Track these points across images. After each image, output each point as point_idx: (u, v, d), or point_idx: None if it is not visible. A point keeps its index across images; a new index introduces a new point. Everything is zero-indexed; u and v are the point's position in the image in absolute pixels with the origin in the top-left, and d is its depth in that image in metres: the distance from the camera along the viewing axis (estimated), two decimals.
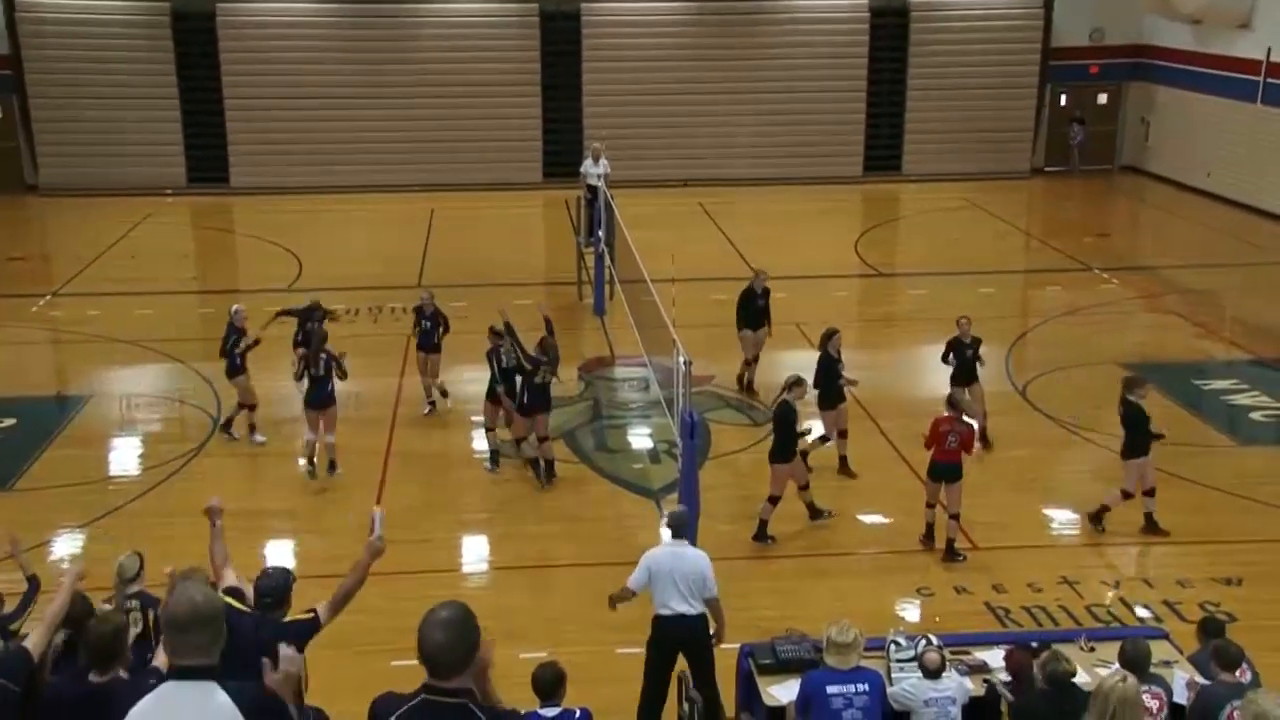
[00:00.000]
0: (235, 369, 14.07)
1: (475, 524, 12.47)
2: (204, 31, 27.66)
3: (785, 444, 11.66)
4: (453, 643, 4.04)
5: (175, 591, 4.35)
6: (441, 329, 14.88)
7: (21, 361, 17.22)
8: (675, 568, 8.51)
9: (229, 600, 6.83)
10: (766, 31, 29.00)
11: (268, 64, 27.87)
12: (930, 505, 11.75)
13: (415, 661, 4.12)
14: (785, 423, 11.57)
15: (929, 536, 11.74)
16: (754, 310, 15.33)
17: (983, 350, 14.00)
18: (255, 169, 28.21)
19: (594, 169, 20.25)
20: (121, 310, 19.06)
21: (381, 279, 20.27)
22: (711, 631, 8.62)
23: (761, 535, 11.79)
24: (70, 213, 26.37)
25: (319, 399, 13.15)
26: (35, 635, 6.12)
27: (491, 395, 13.53)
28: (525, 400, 13.03)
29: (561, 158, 28.01)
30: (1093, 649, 8.11)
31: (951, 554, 11.46)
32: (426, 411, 14.95)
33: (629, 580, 8.68)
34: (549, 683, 6.97)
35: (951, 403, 11.61)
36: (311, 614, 6.79)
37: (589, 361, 17.10)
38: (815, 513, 12.15)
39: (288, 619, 6.90)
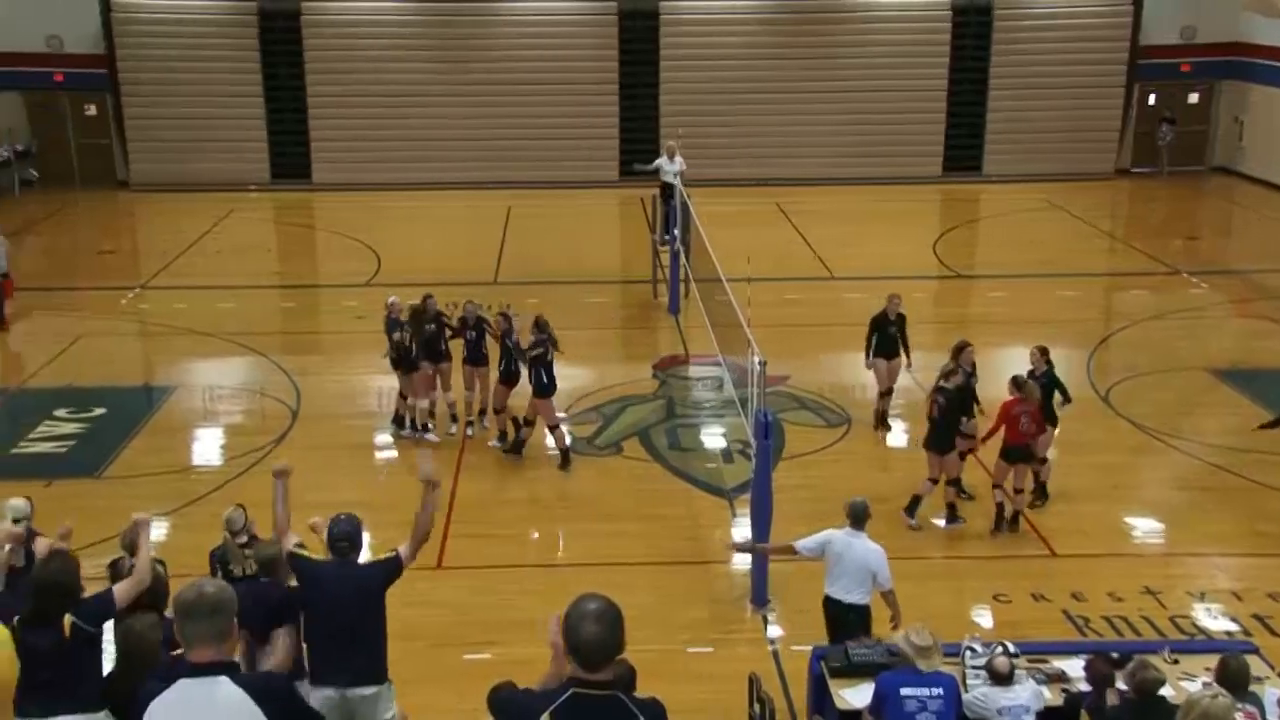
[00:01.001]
0: (410, 363, 13.85)
1: (547, 520, 12.51)
2: (289, 30, 28.12)
3: (944, 433, 11.76)
4: (605, 634, 4.05)
5: (187, 582, 4.50)
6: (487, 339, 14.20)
7: (111, 352, 17.63)
8: (847, 554, 8.72)
9: (301, 553, 7.08)
10: (845, 30, 28.75)
11: (350, 62, 28.24)
12: (997, 486, 11.87)
13: (489, 655, 4.17)
14: (947, 412, 11.70)
15: (1000, 522, 11.86)
16: (886, 338, 14.10)
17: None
18: (336, 165, 28.62)
19: (670, 167, 20.22)
20: (206, 303, 19.44)
21: (458, 275, 20.40)
22: (890, 618, 8.72)
23: (910, 510, 12.01)
24: (158, 208, 26.98)
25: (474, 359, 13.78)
26: (121, 586, 6.66)
27: (505, 378, 13.64)
28: (536, 384, 13.22)
29: (637, 156, 27.98)
30: (1176, 661, 7.91)
31: (1012, 524, 11.82)
32: (477, 435, 14.32)
33: (799, 540, 8.95)
34: (621, 680, 6.95)
35: (1017, 384, 11.75)
36: (393, 553, 7.20)
37: (663, 360, 17.08)
38: (953, 516, 12.09)
39: (369, 560, 7.26)
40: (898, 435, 14.40)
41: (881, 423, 14.36)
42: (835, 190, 28.08)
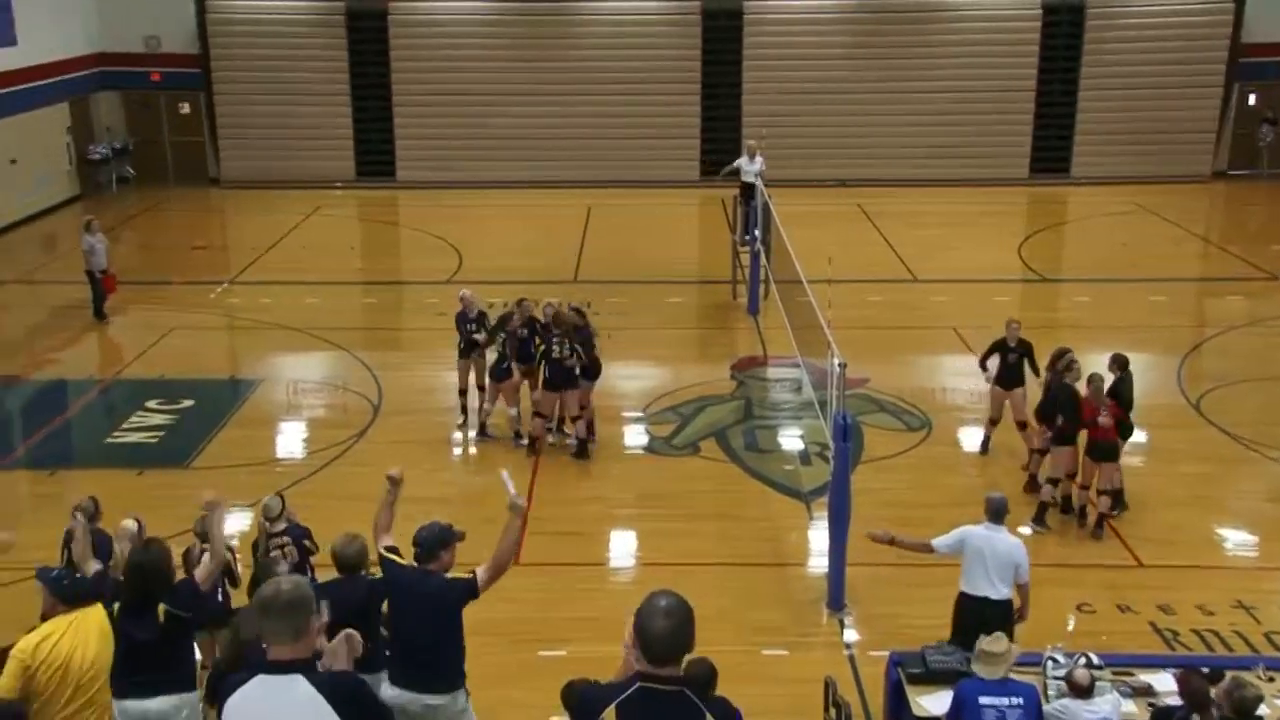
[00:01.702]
0: (503, 372, 13.73)
1: (624, 518, 12.54)
2: (376, 30, 28.53)
3: (1068, 427, 11.68)
4: (675, 630, 4.06)
5: (267, 580, 4.58)
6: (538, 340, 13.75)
7: (200, 345, 18.05)
8: (988, 550, 8.63)
9: (390, 556, 7.14)
10: (932, 30, 28.41)
11: (435, 61, 28.57)
12: (1084, 487, 11.81)
13: (564, 652, 4.21)
14: (1066, 405, 11.62)
15: (1070, 510, 11.87)
16: (1005, 365, 13.25)
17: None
18: (420, 163, 28.97)
19: (750, 167, 20.14)
20: (292, 298, 19.81)
21: (538, 273, 20.56)
22: (1015, 608, 8.68)
23: (1080, 515, 11.89)
24: (248, 204, 27.55)
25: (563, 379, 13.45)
26: (202, 569, 6.95)
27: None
28: (547, 377, 13.33)
29: (718, 155, 27.95)
30: (1272, 679, 7.68)
31: (1096, 528, 11.70)
32: (558, 442, 14.17)
33: (936, 539, 8.85)
34: (701, 678, 6.92)
35: (1089, 382, 11.73)
36: (470, 575, 7.15)
37: (741, 360, 17.03)
38: (1040, 518, 11.93)
39: (449, 576, 7.22)
40: (980, 441, 14.18)
41: (985, 449, 13.77)
42: (919, 191, 27.78)
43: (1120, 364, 12.25)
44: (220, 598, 8.22)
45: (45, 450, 14.36)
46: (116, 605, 6.53)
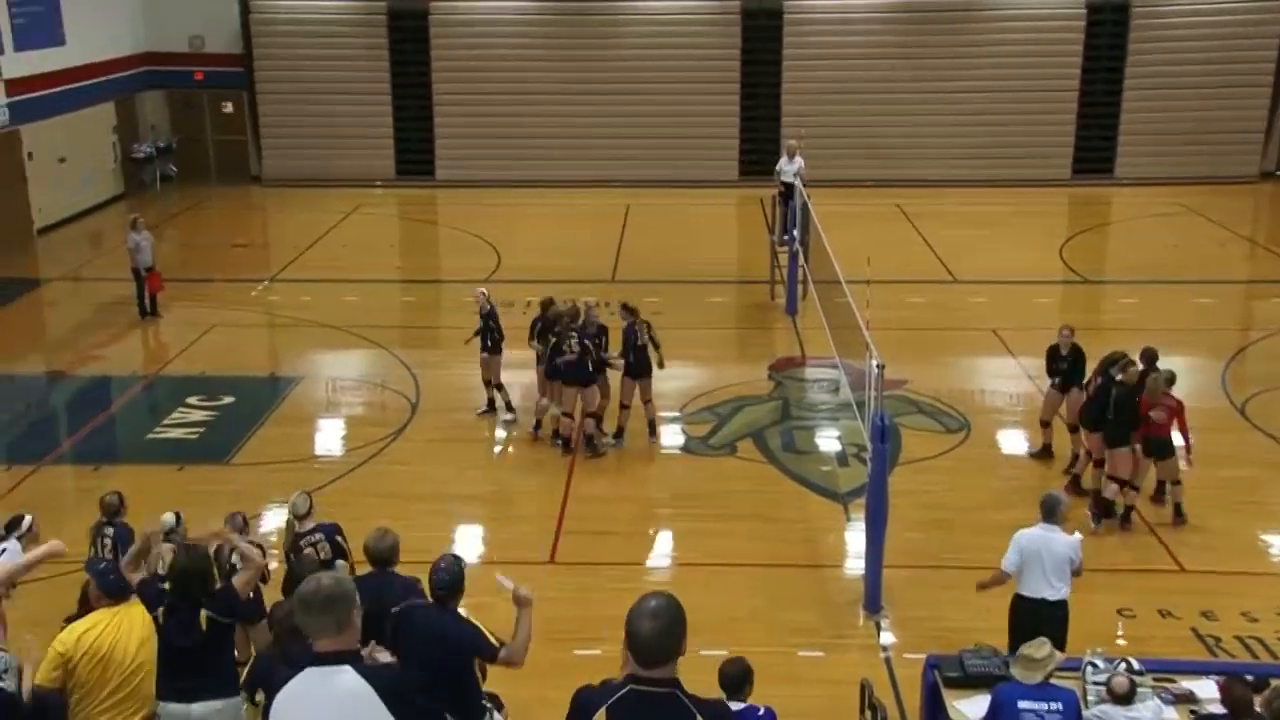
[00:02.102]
0: (554, 371, 13.70)
1: (660, 518, 12.53)
2: (417, 29, 28.69)
3: (1124, 428, 11.63)
4: (661, 632, 4.06)
5: (307, 577, 4.59)
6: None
7: (241, 342, 18.21)
8: (1044, 550, 8.57)
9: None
10: (974, 29, 28.20)
11: (475, 60, 28.68)
12: (1134, 485, 11.80)
13: (599, 650, 4.21)
14: (1123, 406, 11.57)
15: (1113, 512, 11.81)
16: (1057, 372, 13.18)
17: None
18: (460, 162, 29.10)
19: (789, 167, 20.08)
20: (331, 296, 19.95)
21: (576, 273, 20.59)
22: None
23: (1124, 518, 11.82)
24: (289, 202, 27.79)
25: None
26: (240, 577, 7.02)
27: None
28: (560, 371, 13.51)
29: (758, 155, 27.91)
30: None
31: (1124, 520, 11.75)
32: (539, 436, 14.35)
33: (1002, 563, 8.74)
34: (736, 678, 6.92)
35: (1145, 379, 11.70)
36: (498, 646, 6.77)
37: (779, 361, 16.98)
38: (1113, 513, 11.87)
39: (482, 631, 6.80)
40: (1018, 442, 14.07)
41: (1043, 452, 13.54)
42: (959, 192, 27.59)
43: (1149, 359, 12.16)
44: (252, 595, 8.26)
45: (89, 446, 14.55)
46: (161, 610, 6.63)
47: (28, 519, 9.16)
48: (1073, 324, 13.61)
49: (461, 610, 6.89)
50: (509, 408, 14.82)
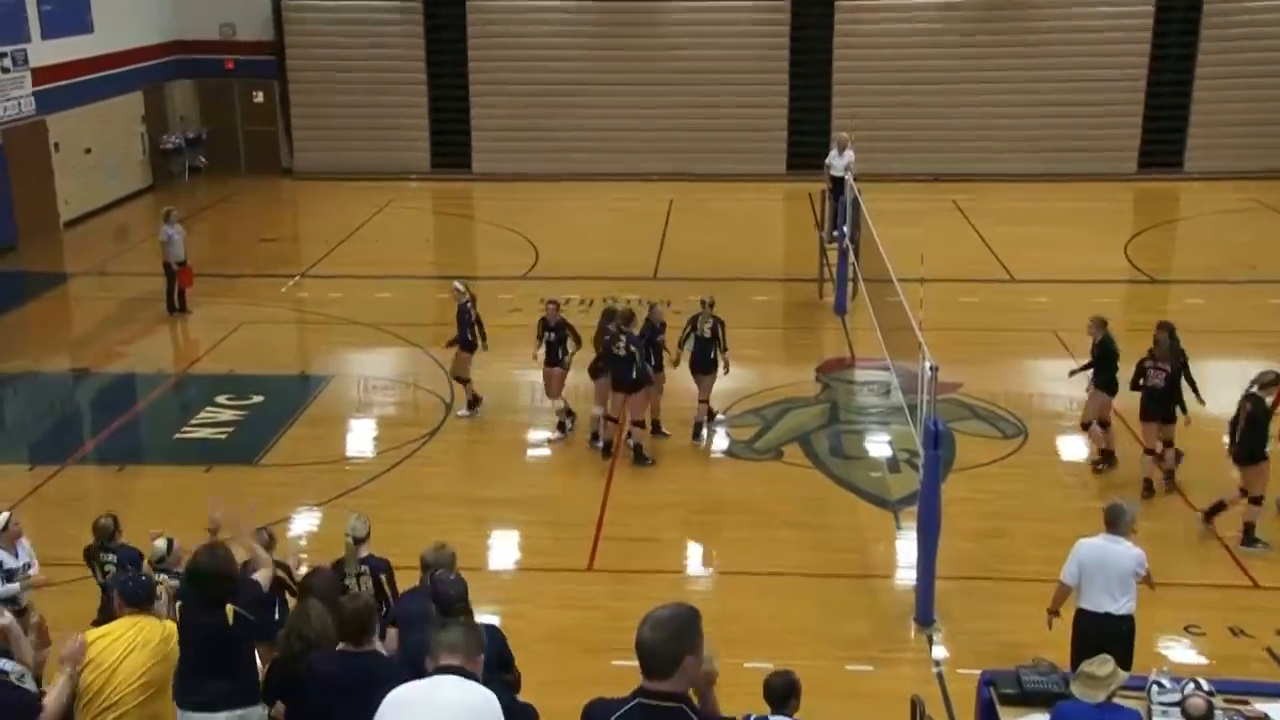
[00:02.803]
0: (553, 360, 14.21)
1: (703, 525, 12.53)
2: (454, 18, 28.84)
3: (1256, 443, 11.57)
4: (663, 641, 4.06)
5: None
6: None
7: (270, 340, 18.39)
8: (1105, 562, 8.47)
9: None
10: (1035, 16, 27.98)
11: (513, 49, 28.79)
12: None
13: (637, 662, 4.20)
14: (1255, 421, 11.53)
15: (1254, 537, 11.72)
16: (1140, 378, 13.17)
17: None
18: (496, 155, 29.23)
19: (839, 161, 20.02)
20: (363, 293, 20.09)
21: (617, 270, 20.63)
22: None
23: (1249, 540, 11.67)
24: (320, 196, 28.03)
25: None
26: (261, 574, 7.10)
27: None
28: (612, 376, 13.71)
29: (805, 149, 27.85)
30: None
31: (1249, 540, 11.55)
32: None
33: (1061, 573, 8.69)
34: (781, 691, 6.90)
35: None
36: (515, 674, 6.90)
37: (827, 362, 16.93)
38: (1250, 538, 11.73)
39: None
40: (1079, 449, 13.95)
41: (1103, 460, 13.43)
42: (1018, 187, 27.39)
43: (1105, 326, 12.78)
44: (276, 613, 8.11)
45: (114, 445, 14.75)
46: (179, 604, 6.71)
47: (3, 516, 9.06)
48: (1139, 325, 13.49)
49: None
50: (472, 403, 14.97)
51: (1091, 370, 13.30)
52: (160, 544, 8.59)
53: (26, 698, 6.28)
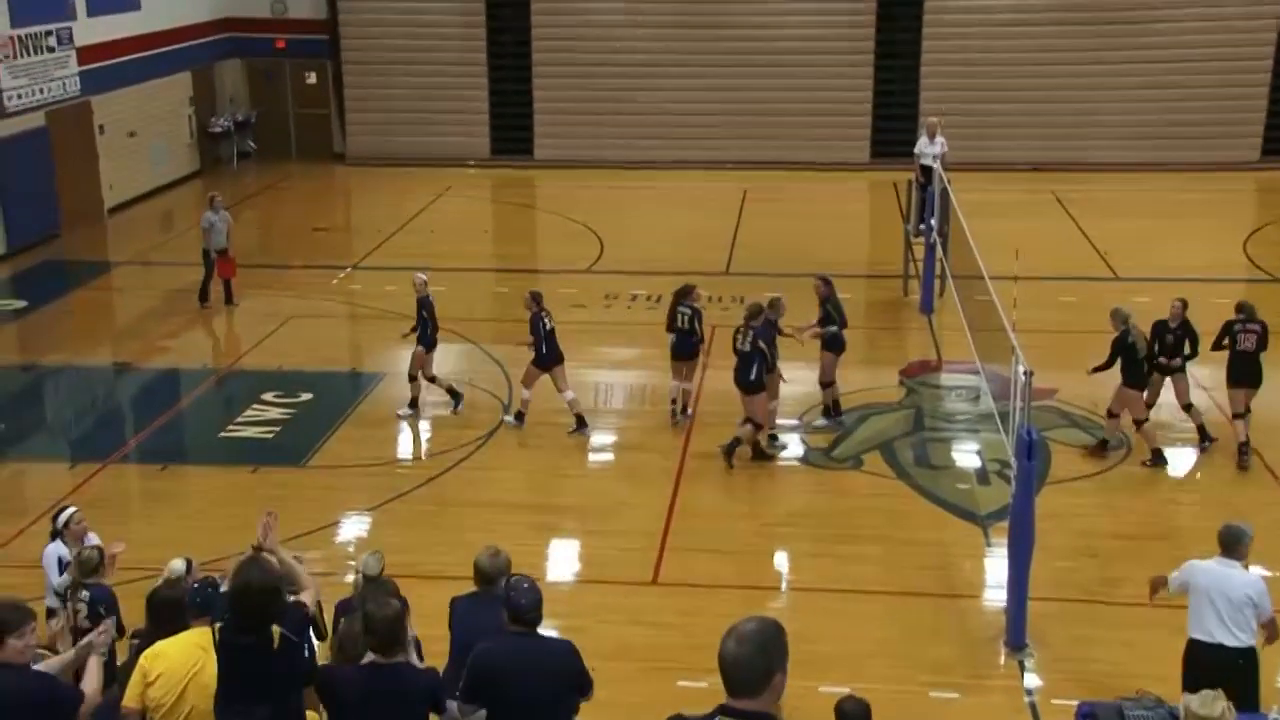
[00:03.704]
0: (542, 359, 14.58)
1: (777, 538, 12.52)
2: None
3: None
4: (749, 657, 4.07)
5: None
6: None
7: (320, 335, 18.63)
8: (1218, 588, 8.30)
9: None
10: None
11: (579, 29, 28.92)
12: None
13: (705, 683, 4.26)
14: None
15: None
16: (1163, 347, 13.83)
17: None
18: (560, 141, 29.37)
19: (929, 148, 19.88)
20: None
21: (687, 264, 20.64)
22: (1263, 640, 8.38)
23: None
24: (374, 183, 28.34)
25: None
26: (309, 594, 7.03)
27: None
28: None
29: (892, 135, 27.68)
30: None
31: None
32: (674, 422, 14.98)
33: (1170, 575, 8.67)
34: (854, 717, 6.90)
35: None
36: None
37: (912, 365, 16.84)
38: None
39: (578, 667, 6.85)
40: (1188, 461, 13.75)
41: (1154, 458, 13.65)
42: (1124, 177, 27.00)
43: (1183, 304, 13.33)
44: (306, 653, 7.99)
45: (157, 444, 15.03)
46: (218, 625, 6.55)
47: (66, 512, 9.56)
48: (1256, 328, 13.29)
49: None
50: (453, 394, 15.27)
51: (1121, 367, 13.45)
52: (178, 564, 8.37)
53: (69, 692, 6.46)
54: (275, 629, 6.54)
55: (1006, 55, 27.88)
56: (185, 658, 6.64)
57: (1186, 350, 13.70)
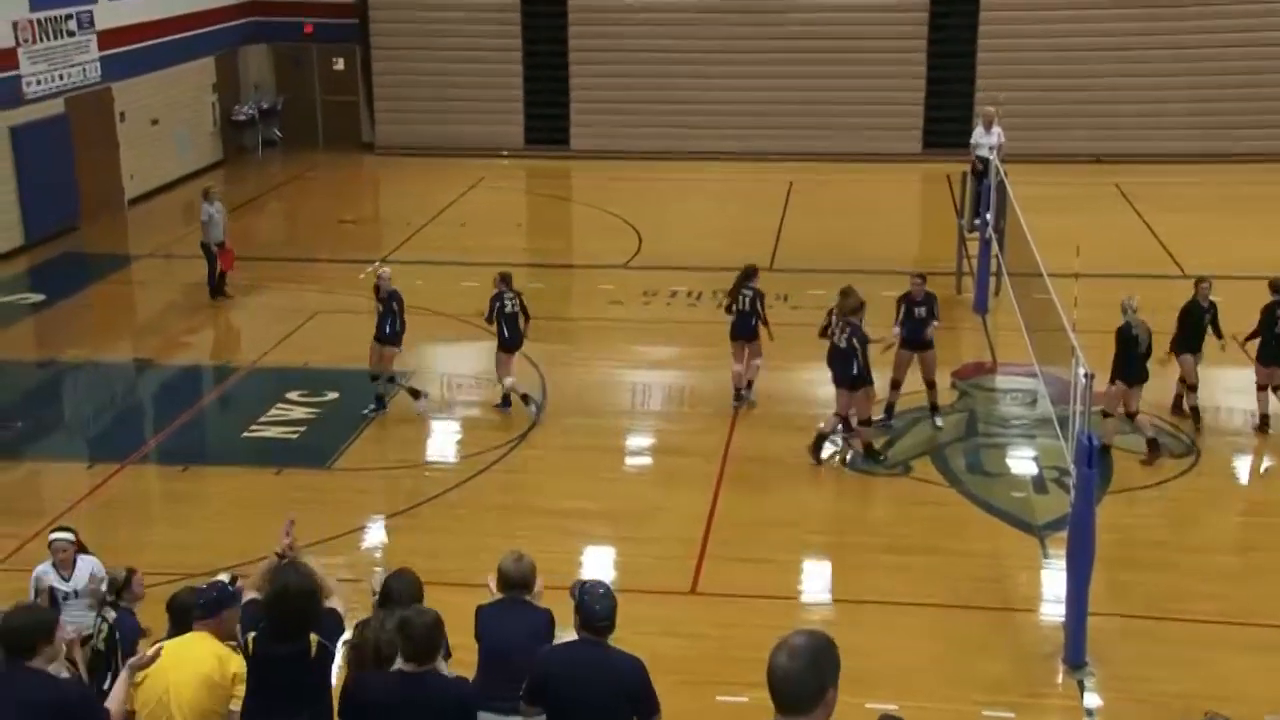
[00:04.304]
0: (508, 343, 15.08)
1: (821, 546, 12.48)
2: None
3: None
4: (801, 672, 4.04)
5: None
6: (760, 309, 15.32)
7: (347, 331, 18.66)
8: None
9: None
10: None
11: (618, 14, 28.93)
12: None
13: (745, 698, 4.24)
14: None
15: None
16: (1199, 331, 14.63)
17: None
18: (598, 130, 29.38)
19: (985, 139, 19.75)
20: (448, 281, 20.33)
21: (728, 259, 20.55)
22: None
23: None
24: (403, 173, 28.47)
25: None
26: (338, 600, 7.03)
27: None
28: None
29: (946, 125, 27.53)
30: None
31: None
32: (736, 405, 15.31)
33: None
34: None
35: None
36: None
37: (965, 367, 16.76)
38: None
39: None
40: (1260, 470, 13.61)
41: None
42: (1193, 168, 26.76)
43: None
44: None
45: (178, 444, 15.15)
46: (252, 635, 6.61)
47: (53, 534, 9.27)
48: None
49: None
50: (415, 395, 15.34)
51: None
52: (119, 573, 8.44)
53: (98, 710, 6.50)
54: (313, 637, 6.59)
55: (1067, 40, 27.67)
56: (178, 660, 6.63)
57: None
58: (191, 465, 14.51)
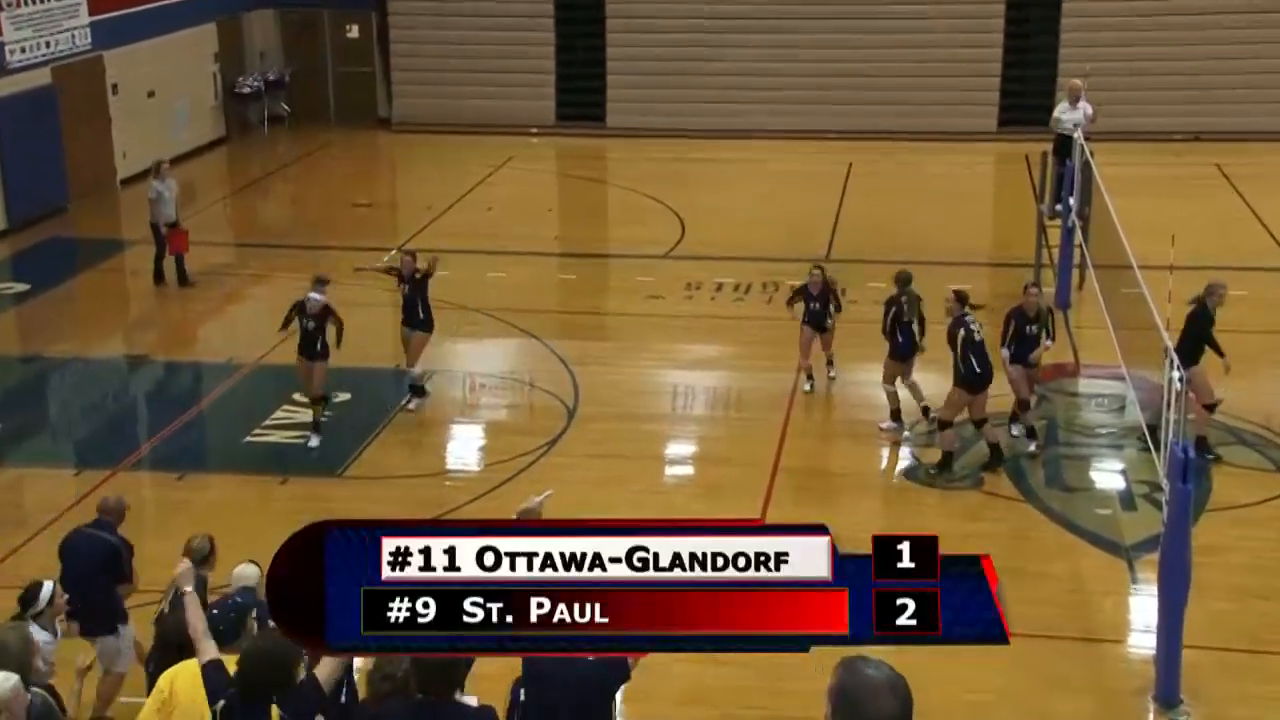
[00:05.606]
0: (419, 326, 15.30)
1: None
2: None
3: None
4: (904, 713, 4.03)
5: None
6: (833, 306, 15.62)
7: (361, 327, 18.71)
8: None
9: None
10: None
11: None
12: None
13: None
14: None
15: None
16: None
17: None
18: (636, 106, 29.36)
19: (1070, 115, 19.63)
20: (472, 271, 20.38)
21: (780, 248, 20.57)
22: None
23: None
24: (424, 152, 28.53)
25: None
26: (325, 666, 6.83)
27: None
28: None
29: (1025, 100, 27.41)
30: None
31: None
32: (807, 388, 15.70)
33: None
34: None
35: None
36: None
37: (1045, 369, 16.63)
38: None
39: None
40: None
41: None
42: None
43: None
44: (344, 698, 7.72)
45: (174, 449, 15.26)
46: (221, 704, 6.58)
47: (47, 587, 8.70)
48: None
49: None
50: (316, 428, 14.98)
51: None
52: (251, 569, 8.48)
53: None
54: (275, 711, 6.50)
55: (1160, 6, 27.50)
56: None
57: None
58: (189, 472, 14.60)
